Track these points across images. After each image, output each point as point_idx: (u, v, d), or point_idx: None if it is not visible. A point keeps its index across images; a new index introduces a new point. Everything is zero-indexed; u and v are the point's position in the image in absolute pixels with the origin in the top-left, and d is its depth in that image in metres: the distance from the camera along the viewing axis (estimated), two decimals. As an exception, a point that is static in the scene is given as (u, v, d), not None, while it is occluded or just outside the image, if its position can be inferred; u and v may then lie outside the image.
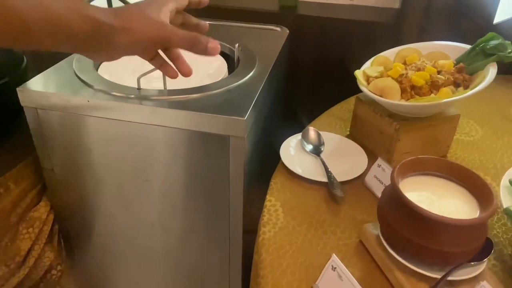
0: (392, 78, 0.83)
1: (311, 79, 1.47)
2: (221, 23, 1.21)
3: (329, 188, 0.76)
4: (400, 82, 0.81)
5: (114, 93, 0.80)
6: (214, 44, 0.58)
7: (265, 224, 0.71)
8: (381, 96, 0.81)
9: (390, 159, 0.84)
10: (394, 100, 0.79)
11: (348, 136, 0.94)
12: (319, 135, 0.89)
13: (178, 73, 0.64)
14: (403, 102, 0.77)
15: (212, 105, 0.77)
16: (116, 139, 0.83)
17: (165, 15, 0.58)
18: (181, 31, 0.58)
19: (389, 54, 0.92)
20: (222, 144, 0.76)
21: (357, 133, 0.94)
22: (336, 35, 1.37)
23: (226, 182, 0.80)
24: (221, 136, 0.75)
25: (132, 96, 0.79)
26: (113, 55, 0.57)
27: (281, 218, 0.72)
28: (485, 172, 0.84)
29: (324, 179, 0.78)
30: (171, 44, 0.58)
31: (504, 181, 0.69)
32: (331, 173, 0.79)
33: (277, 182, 0.80)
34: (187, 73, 0.63)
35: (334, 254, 0.61)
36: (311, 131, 0.89)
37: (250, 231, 0.82)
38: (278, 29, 1.19)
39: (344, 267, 0.58)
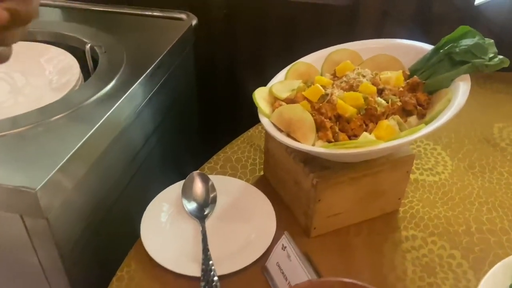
0: (309, 101, 0.53)
1: (245, 81, 1.15)
2: (101, 8, 0.89)
3: (203, 289, 0.47)
4: (318, 111, 0.51)
5: None
6: None
7: None
8: (288, 132, 0.51)
9: (308, 225, 0.55)
10: (307, 140, 0.49)
11: (261, 180, 0.65)
12: (208, 187, 0.59)
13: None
14: (315, 148, 0.48)
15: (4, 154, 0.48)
16: None
17: None
18: None
19: (315, 59, 0.62)
20: (17, 227, 0.46)
21: (271, 176, 0.64)
22: (278, 21, 1.06)
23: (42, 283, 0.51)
24: (9, 216, 0.46)
25: None
26: None
27: None
28: (452, 242, 0.55)
29: (197, 271, 0.49)
30: None
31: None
32: (209, 260, 0.49)
33: (126, 276, 0.51)
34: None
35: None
36: (197, 180, 0.59)
37: None
38: (183, 16, 0.88)
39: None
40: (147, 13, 0.87)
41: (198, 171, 0.60)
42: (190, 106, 0.92)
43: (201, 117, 1.00)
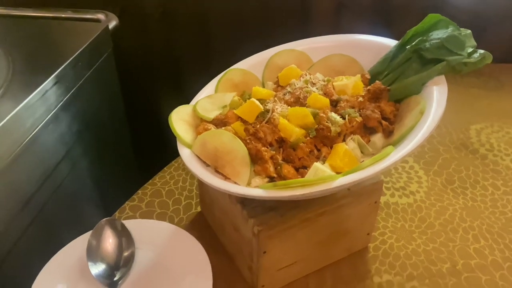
0: (244, 122, 0.40)
1: (187, 86, 1.01)
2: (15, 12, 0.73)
3: None
4: (254, 136, 0.38)
5: None
6: None
7: None
8: (216, 167, 0.38)
9: (254, 283, 0.42)
10: (239, 177, 0.36)
11: (198, 219, 0.52)
12: (121, 241, 0.45)
13: None
14: (249, 191, 0.35)
15: None
16: None
17: None
18: None
19: (254, 63, 0.49)
20: None
21: (209, 215, 0.51)
22: (221, 18, 0.92)
23: None
24: None
25: None
26: None
27: None
28: (436, 285, 0.44)
29: None
30: None
31: None
32: None
33: None
34: None
35: None
36: (106, 231, 0.45)
37: None
38: (101, 17, 0.73)
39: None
40: (56, 15, 0.72)
41: (108, 218, 0.46)
42: (116, 123, 0.77)
43: (135, 137, 0.85)
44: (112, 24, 0.69)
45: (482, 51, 0.40)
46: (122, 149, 0.80)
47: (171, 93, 0.93)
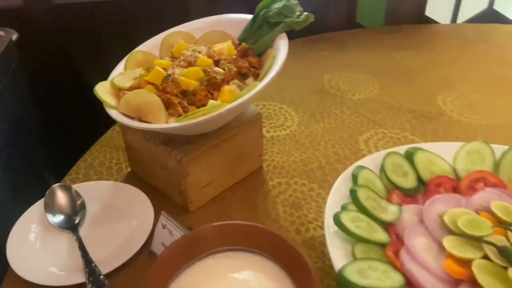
0: (153, 85, 0.54)
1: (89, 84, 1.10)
2: None
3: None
4: (164, 91, 0.53)
5: None
6: None
7: None
8: (140, 117, 0.52)
9: (185, 201, 0.57)
10: (159, 120, 0.51)
11: (130, 176, 0.65)
12: (72, 195, 0.56)
13: None
14: (168, 125, 0.50)
15: None
16: None
17: None
18: None
19: (151, 45, 0.63)
20: None
21: (138, 169, 0.64)
22: (111, 19, 1.02)
23: None
24: None
25: None
26: None
27: None
28: (310, 178, 0.64)
29: (82, 278, 0.47)
30: None
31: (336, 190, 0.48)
32: (90, 263, 0.48)
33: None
34: None
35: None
36: (58, 192, 0.56)
37: None
38: (1, 33, 0.79)
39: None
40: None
41: (57, 184, 0.57)
42: (31, 127, 0.84)
43: (55, 135, 0.92)
44: (14, 36, 0.76)
45: (306, 13, 0.60)
46: (40, 153, 0.87)
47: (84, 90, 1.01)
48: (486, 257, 0.38)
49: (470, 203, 0.43)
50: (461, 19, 1.21)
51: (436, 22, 1.16)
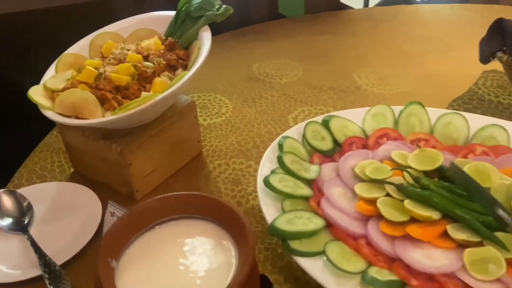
0: (86, 84, 0.57)
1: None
2: None
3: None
4: (97, 88, 0.56)
5: None
6: None
7: None
8: (76, 115, 0.55)
9: (130, 190, 0.60)
10: (95, 115, 0.54)
11: (74, 176, 0.66)
12: (17, 198, 0.57)
13: None
14: (105, 118, 0.53)
15: None
16: None
17: None
18: None
19: (80, 48, 0.66)
20: None
21: (81, 168, 0.66)
22: (38, 28, 1.01)
23: None
24: None
25: None
26: None
27: None
28: (246, 157, 0.70)
29: (37, 271, 0.49)
30: None
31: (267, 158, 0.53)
32: (44, 257, 0.50)
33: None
34: None
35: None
36: (3, 197, 0.57)
37: None
38: None
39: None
40: None
41: (0, 190, 0.58)
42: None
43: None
44: None
45: (225, 6, 0.65)
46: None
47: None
48: (388, 195, 0.46)
49: (376, 155, 0.51)
50: (372, 3, 1.33)
51: (350, 8, 1.27)
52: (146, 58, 0.61)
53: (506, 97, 0.77)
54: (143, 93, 0.55)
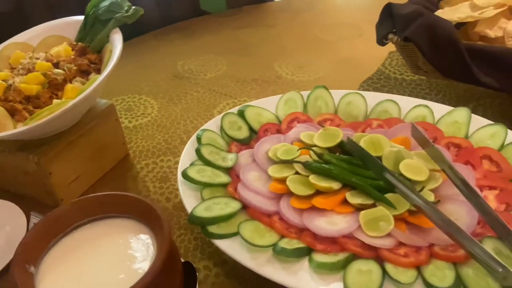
0: (-6, 97, 0.56)
1: None
2: None
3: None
4: (6, 100, 0.55)
5: None
6: None
7: None
8: (-14, 131, 0.53)
9: (55, 201, 0.60)
10: (5, 128, 0.53)
11: (-6, 192, 0.64)
12: None
13: None
14: (16, 130, 0.52)
15: None
16: None
17: None
18: None
19: (-13, 60, 0.64)
20: None
21: (3, 182, 0.64)
22: None
23: None
24: None
25: None
26: None
27: None
28: (174, 154, 0.71)
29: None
30: None
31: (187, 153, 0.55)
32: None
33: None
34: None
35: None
36: None
37: None
38: None
39: None
40: None
41: None
42: None
43: None
44: None
45: (134, 7, 0.66)
46: None
47: None
48: (297, 173, 0.49)
49: (287, 138, 0.55)
50: (292, -6, 1.38)
51: (271, 0, 1.31)
52: (56, 65, 0.61)
53: (409, 74, 0.85)
54: (55, 101, 0.55)
